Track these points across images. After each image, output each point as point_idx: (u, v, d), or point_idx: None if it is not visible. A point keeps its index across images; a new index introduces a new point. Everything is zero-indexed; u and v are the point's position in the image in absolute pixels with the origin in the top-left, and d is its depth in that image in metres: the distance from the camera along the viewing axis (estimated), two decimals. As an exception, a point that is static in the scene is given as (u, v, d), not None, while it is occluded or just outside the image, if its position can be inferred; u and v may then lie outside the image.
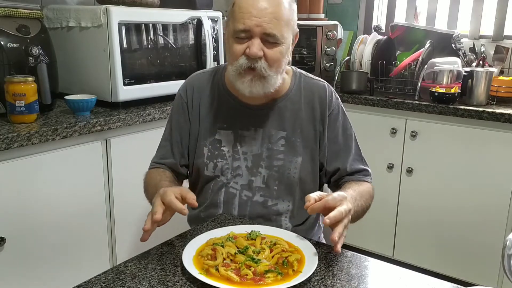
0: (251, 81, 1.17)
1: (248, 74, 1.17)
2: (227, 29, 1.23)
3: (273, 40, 1.15)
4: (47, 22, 1.99)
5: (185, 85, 1.37)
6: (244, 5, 1.14)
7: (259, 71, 1.16)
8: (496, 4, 2.67)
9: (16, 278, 1.56)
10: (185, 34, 2.18)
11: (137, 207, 1.92)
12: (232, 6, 1.18)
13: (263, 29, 1.13)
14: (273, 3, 1.14)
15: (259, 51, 1.14)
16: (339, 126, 1.31)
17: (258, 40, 1.14)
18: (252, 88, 1.18)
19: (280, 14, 1.14)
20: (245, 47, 1.15)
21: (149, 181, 1.30)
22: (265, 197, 1.28)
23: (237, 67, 1.17)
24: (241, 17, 1.13)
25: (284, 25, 1.15)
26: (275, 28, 1.13)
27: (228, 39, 1.21)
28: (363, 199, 1.21)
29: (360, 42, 2.75)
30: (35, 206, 1.58)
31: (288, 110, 1.29)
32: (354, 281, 0.92)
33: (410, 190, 2.41)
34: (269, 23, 1.13)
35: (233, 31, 1.16)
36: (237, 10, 1.15)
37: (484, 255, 2.23)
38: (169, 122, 1.38)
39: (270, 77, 1.18)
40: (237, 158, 1.28)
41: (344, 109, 1.35)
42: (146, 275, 0.92)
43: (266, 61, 1.16)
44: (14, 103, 1.59)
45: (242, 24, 1.13)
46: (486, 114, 2.13)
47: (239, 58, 1.16)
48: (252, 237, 1.04)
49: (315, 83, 1.33)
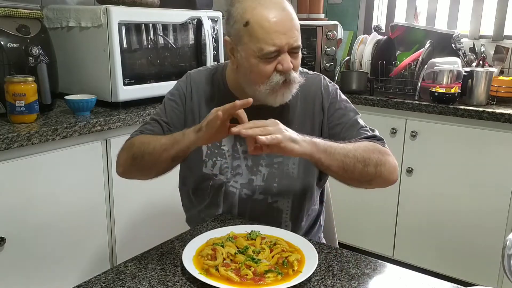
0: (283, 94, 1.19)
1: (283, 88, 1.18)
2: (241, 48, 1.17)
3: (297, 50, 1.17)
4: (47, 22, 1.99)
5: (186, 78, 1.35)
6: (267, 25, 1.12)
7: (292, 81, 1.18)
8: (496, 4, 2.67)
9: (16, 278, 1.56)
10: (185, 34, 2.19)
11: (137, 207, 1.92)
12: (246, 25, 1.14)
13: (291, 44, 1.14)
14: (289, 15, 1.15)
15: (291, 64, 1.16)
16: (341, 110, 1.30)
17: (287, 54, 1.15)
18: (284, 99, 1.21)
19: (297, 23, 1.16)
20: (275, 64, 1.15)
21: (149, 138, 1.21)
22: (265, 194, 1.28)
23: (273, 85, 1.17)
24: (269, 38, 1.12)
25: (300, 32, 1.18)
26: (298, 40, 1.16)
27: (247, 59, 1.16)
28: (352, 145, 1.16)
29: (360, 42, 2.75)
30: (35, 206, 1.58)
31: (285, 106, 1.28)
32: (354, 281, 0.92)
33: (410, 190, 2.41)
34: (294, 36, 1.14)
35: (259, 53, 1.13)
36: (259, 31, 1.12)
37: (484, 255, 2.23)
38: (163, 106, 1.32)
39: (298, 83, 1.21)
40: (237, 157, 1.28)
41: (343, 95, 1.34)
42: (146, 275, 0.92)
43: (294, 70, 1.18)
44: (14, 103, 1.59)
45: (272, 45, 1.12)
46: (486, 114, 2.13)
47: (272, 76, 1.16)
48: (252, 237, 1.04)
49: (309, 77, 1.33)
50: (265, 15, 1.12)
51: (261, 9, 1.12)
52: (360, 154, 1.15)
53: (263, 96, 1.19)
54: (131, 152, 1.23)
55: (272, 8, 1.13)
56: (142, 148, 1.20)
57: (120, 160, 1.27)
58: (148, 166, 1.21)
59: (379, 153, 1.19)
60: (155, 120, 1.30)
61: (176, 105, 1.31)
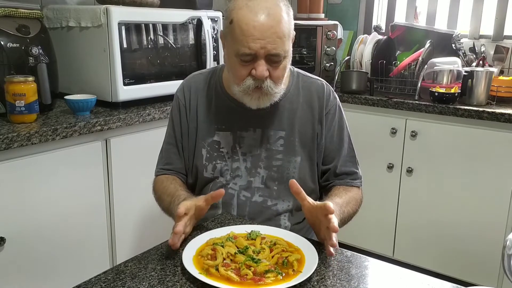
0: (258, 98, 1.19)
1: (256, 93, 1.18)
2: (226, 43, 1.20)
3: (277, 59, 1.15)
4: (47, 22, 1.99)
5: (182, 86, 1.36)
6: (245, 27, 1.11)
7: (266, 90, 1.17)
8: (496, 4, 2.67)
9: (16, 278, 1.56)
10: (185, 34, 2.18)
11: (137, 207, 1.92)
12: (230, 22, 1.14)
13: (268, 51, 1.12)
14: (274, 20, 1.11)
15: (265, 71, 1.14)
16: (335, 126, 1.32)
17: (263, 61, 1.13)
18: (260, 103, 1.21)
19: (282, 31, 1.12)
20: (250, 68, 1.15)
21: (163, 189, 1.29)
22: (264, 197, 1.28)
23: (244, 88, 1.17)
24: (245, 41, 1.11)
25: (286, 40, 1.15)
26: (278, 48, 1.12)
27: (229, 55, 1.19)
28: (349, 206, 1.23)
29: (360, 42, 2.75)
30: (35, 206, 1.58)
31: (286, 109, 1.29)
32: (354, 281, 0.92)
33: (410, 190, 2.41)
34: (273, 43, 1.11)
35: (235, 53, 1.14)
36: (238, 32, 1.12)
37: (484, 255, 2.23)
38: (170, 124, 1.38)
39: (276, 93, 1.21)
40: (236, 159, 1.28)
41: (342, 109, 1.35)
42: (146, 275, 0.92)
43: (272, 79, 1.16)
44: (14, 103, 1.59)
45: (247, 48, 1.11)
46: (486, 114, 2.13)
47: (245, 79, 1.16)
48: (252, 237, 1.04)
49: (313, 82, 1.33)
50: (247, 17, 1.11)
51: (246, 11, 1.11)
52: (351, 210, 1.23)
53: (240, 96, 1.21)
54: (155, 196, 1.34)
55: (258, 12, 1.10)
56: (158, 201, 1.31)
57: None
58: None
59: (359, 205, 1.29)
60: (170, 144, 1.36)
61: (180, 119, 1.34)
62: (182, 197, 1.16)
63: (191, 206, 1.05)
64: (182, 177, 1.35)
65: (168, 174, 1.34)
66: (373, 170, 2.46)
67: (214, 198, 1.08)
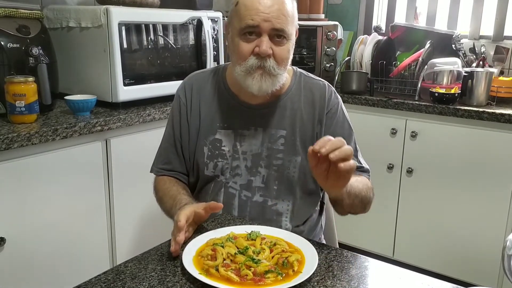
0: (261, 76, 1.17)
1: (258, 71, 1.17)
2: (230, 29, 1.22)
3: (282, 34, 1.16)
4: (47, 22, 1.99)
5: (184, 85, 1.36)
6: (249, 3, 1.14)
7: (268, 69, 1.17)
8: (496, 4, 2.67)
9: (16, 278, 1.56)
10: (185, 35, 2.19)
11: (137, 207, 1.92)
12: (236, 5, 1.18)
13: (272, 25, 1.13)
14: (279, 1, 1.15)
15: (269, 48, 1.15)
16: (337, 125, 1.30)
17: (267, 37, 1.15)
18: (262, 84, 1.18)
19: (285, 10, 1.15)
20: (253, 46, 1.16)
21: (165, 191, 1.28)
22: (264, 197, 1.28)
23: (247, 67, 1.17)
24: (248, 14, 1.14)
25: (290, 21, 1.17)
26: (283, 23, 1.14)
27: (233, 39, 1.20)
28: (360, 184, 1.20)
29: (360, 43, 2.75)
30: (35, 206, 1.58)
31: (287, 109, 1.29)
32: (354, 281, 0.92)
33: (410, 190, 2.41)
34: (277, 18, 1.14)
35: (239, 28, 1.16)
36: (243, 8, 1.15)
37: (484, 255, 2.23)
38: (169, 124, 1.37)
39: (279, 75, 1.19)
40: (236, 158, 1.28)
41: (345, 109, 1.34)
42: (146, 275, 0.92)
43: (275, 59, 1.17)
44: (14, 103, 1.59)
45: (251, 20, 1.13)
46: (486, 114, 2.13)
47: (248, 58, 1.17)
48: (252, 237, 1.04)
49: (315, 83, 1.33)
50: None
51: None
52: (362, 188, 1.20)
53: (242, 79, 1.20)
54: (156, 196, 1.33)
55: None
56: (159, 202, 1.31)
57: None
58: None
59: (372, 193, 1.26)
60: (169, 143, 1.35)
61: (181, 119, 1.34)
62: (184, 202, 1.16)
63: (191, 213, 1.06)
64: (182, 177, 1.35)
65: (170, 176, 1.34)
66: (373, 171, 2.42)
67: (212, 209, 1.08)
